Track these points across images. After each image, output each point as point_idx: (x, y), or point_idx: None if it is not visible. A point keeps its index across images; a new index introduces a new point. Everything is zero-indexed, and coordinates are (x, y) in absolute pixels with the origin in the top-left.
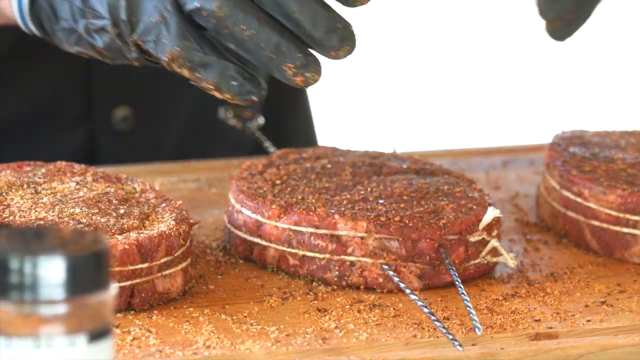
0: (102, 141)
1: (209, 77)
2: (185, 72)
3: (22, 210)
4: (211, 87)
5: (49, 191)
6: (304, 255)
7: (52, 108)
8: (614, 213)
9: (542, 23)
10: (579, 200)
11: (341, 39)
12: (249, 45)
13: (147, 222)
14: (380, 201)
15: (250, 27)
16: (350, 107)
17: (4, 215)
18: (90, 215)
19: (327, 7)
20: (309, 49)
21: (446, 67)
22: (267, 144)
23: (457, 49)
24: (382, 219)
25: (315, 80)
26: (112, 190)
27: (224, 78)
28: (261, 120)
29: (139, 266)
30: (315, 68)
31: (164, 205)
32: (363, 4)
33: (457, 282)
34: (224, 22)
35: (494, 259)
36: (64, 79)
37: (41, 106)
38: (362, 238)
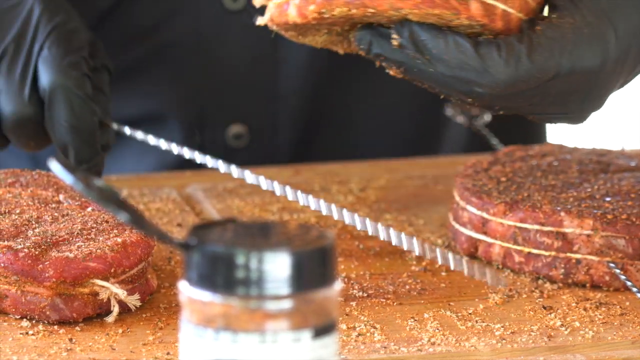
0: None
1: None
2: None
3: None
4: None
5: None
6: (529, 253)
7: (164, 118)
8: None
9: None
10: None
11: None
12: None
13: None
14: (607, 199)
15: None
16: None
17: None
18: None
19: None
20: None
21: None
22: (494, 141)
23: None
24: (609, 216)
25: None
26: None
27: None
28: (488, 117)
29: None
30: None
31: None
32: None
33: None
34: None
35: None
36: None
37: (153, 115)
38: (588, 236)
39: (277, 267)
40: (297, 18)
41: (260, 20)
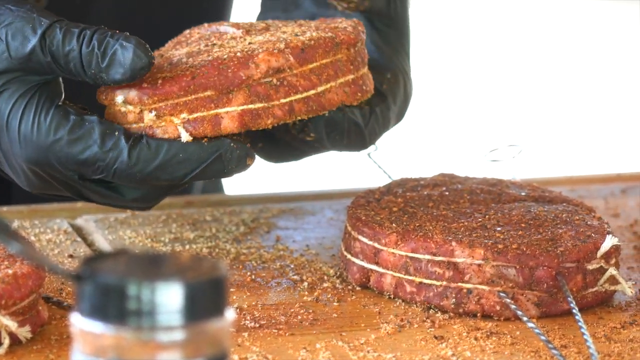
0: None
1: None
2: None
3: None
4: None
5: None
6: (421, 283)
7: None
8: None
9: None
10: None
11: None
12: None
13: None
14: (498, 228)
15: None
16: (469, 133)
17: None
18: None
19: None
20: None
21: (564, 94)
22: (386, 171)
23: (575, 76)
24: (500, 246)
25: None
26: None
27: None
28: (378, 148)
29: None
30: None
31: None
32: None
33: (574, 310)
34: None
35: (612, 287)
36: None
37: None
38: (479, 265)
39: (169, 298)
40: None
41: None
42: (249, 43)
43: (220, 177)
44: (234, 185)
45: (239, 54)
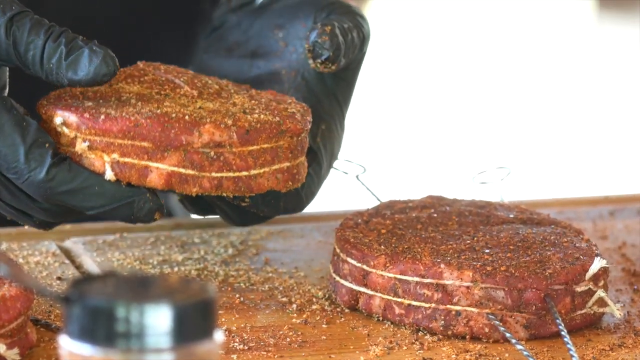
0: None
1: None
2: None
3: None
4: None
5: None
6: (409, 305)
7: None
8: None
9: None
10: None
11: None
12: None
13: None
14: (487, 251)
15: None
16: (458, 156)
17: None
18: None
19: None
20: None
21: (552, 116)
22: (374, 194)
23: (564, 99)
24: (488, 268)
25: None
26: None
27: None
28: (365, 170)
29: None
30: None
31: None
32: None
33: (563, 332)
34: None
35: (601, 310)
36: None
37: None
38: (467, 287)
39: (158, 320)
40: None
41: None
42: (199, 107)
43: (125, 221)
44: None
45: (187, 117)
